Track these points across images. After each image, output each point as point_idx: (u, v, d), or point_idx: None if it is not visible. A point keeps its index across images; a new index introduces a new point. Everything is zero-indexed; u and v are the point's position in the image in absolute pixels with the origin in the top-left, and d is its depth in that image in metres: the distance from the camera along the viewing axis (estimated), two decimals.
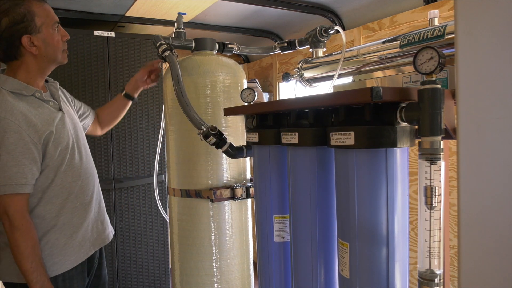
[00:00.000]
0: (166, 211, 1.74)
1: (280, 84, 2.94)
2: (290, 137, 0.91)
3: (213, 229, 1.39)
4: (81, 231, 1.28)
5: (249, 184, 1.43)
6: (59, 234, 1.22)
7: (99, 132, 1.61)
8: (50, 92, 1.27)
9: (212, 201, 1.37)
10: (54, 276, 1.21)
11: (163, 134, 1.58)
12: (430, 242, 0.67)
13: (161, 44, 1.31)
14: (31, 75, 1.20)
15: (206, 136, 1.18)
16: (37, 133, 1.14)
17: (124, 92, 1.56)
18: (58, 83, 1.31)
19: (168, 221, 1.56)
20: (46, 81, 1.31)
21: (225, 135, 1.21)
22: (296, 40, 1.42)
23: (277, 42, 1.53)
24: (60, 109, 1.25)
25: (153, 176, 1.96)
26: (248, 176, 1.50)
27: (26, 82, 1.18)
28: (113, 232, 1.47)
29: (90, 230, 1.32)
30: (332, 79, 1.18)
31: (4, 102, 1.11)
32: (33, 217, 1.19)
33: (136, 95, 1.57)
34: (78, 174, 1.27)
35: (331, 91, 1.20)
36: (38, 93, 1.19)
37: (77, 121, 1.35)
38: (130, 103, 1.59)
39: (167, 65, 1.31)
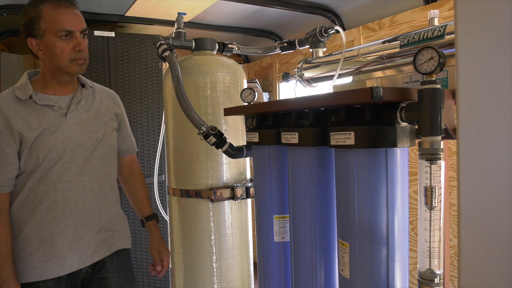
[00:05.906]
0: (166, 211, 1.73)
1: (280, 84, 2.94)
2: (290, 137, 0.91)
3: (213, 229, 1.39)
4: (50, 246, 1.18)
5: (249, 184, 1.43)
6: (25, 243, 1.17)
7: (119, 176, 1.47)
8: (74, 96, 1.24)
9: (212, 201, 1.37)
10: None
11: (163, 134, 1.58)
12: (430, 242, 0.67)
13: (161, 44, 1.31)
14: (46, 78, 1.21)
15: (206, 136, 1.18)
16: (12, 136, 1.14)
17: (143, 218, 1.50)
18: (96, 91, 1.33)
19: (168, 221, 1.56)
20: (83, 85, 1.29)
21: (225, 135, 1.21)
22: (296, 40, 1.42)
23: (277, 42, 1.53)
24: (65, 115, 1.20)
25: (153, 176, 1.96)
26: (248, 176, 1.50)
27: (42, 85, 1.21)
28: (127, 246, 1.39)
29: (68, 248, 1.20)
30: (332, 79, 1.18)
31: None
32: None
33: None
34: (53, 185, 1.17)
35: (331, 91, 1.20)
36: (35, 96, 1.17)
37: (89, 130, 1.25)
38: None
39: (167, 65, 1.31)
